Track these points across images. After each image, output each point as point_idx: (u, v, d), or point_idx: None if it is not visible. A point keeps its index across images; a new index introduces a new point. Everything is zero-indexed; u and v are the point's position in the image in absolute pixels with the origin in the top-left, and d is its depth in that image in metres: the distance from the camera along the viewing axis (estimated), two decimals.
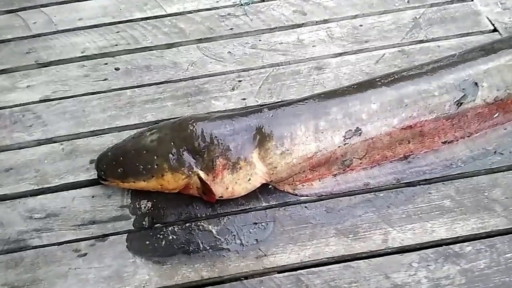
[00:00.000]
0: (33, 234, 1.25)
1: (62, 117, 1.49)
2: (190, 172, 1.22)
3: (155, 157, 1.23)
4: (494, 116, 1.33)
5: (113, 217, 1.27)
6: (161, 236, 1.24)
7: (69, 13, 1.81)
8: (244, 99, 1.51)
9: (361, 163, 1.28)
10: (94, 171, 1.35)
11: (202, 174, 1.22)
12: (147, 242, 1.23)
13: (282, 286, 1.14)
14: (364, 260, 1.16)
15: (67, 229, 1.25)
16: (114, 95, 1.54)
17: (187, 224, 1.25)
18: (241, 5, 1.78)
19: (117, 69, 1.62)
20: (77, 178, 1.35)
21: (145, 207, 1.29)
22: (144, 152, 1.24)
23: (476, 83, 1.30)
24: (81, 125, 1.47)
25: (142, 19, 1.77)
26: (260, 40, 1.67)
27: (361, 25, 1.68)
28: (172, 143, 1.23)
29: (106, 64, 1.63)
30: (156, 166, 1.22)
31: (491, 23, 1.65)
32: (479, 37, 1.62)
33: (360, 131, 1.24)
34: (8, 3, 1.88)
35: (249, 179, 1.24)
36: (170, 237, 1.23)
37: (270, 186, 1.29)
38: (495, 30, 1.64)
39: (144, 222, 1.26)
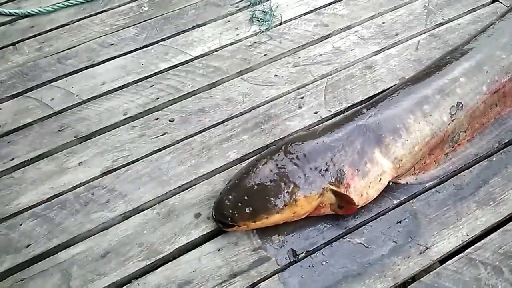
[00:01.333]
0: None
1: (139, 182, 1.35)
2: (322, 189, 1.16)
3: (283, 185, 1.16)
4: None
5: (253, 263, 1.16)
6: (312, 265, 1.15)
7: (87, 81, 1.67)
8: (316, 112, 1.49)
9: (465, 135, 1.32)
10: (205, 224, 1.24)
11: (334, 188, 1.17)
12: (303, 276, 1.13)
13: (459, 270, 1.11)
14: None
15: None
16: (183, 145, 1.44)
17: (332, 245, 1.18)
18: (262, 32, 1.78)
19: (171, 120, 1.51)
20: (190, 238, 1.22)
21: (278, 241, 1.20)
22: (268, 183, 1.16)
23: None
24: (165, 183, 1.34)
25: (170, 68, 1.69)
26: (299, 58, 1.68)
27: (383, 22, 1.77)
28: (295, 166, 1.17)
29: (157, 119, 1.52)
30: (287, 194, 1.15)
31: None
32: (486, 9, 1.79)
33: (461, 104, 1.28)
34: (10, 87, 1.68)
35: (380, 179, 1.21)
36: (323, 263, 1.15)
37: (391, 184, 1.27)
38: (494, 0, 1.82)
39: (286, 258, 1.17)
